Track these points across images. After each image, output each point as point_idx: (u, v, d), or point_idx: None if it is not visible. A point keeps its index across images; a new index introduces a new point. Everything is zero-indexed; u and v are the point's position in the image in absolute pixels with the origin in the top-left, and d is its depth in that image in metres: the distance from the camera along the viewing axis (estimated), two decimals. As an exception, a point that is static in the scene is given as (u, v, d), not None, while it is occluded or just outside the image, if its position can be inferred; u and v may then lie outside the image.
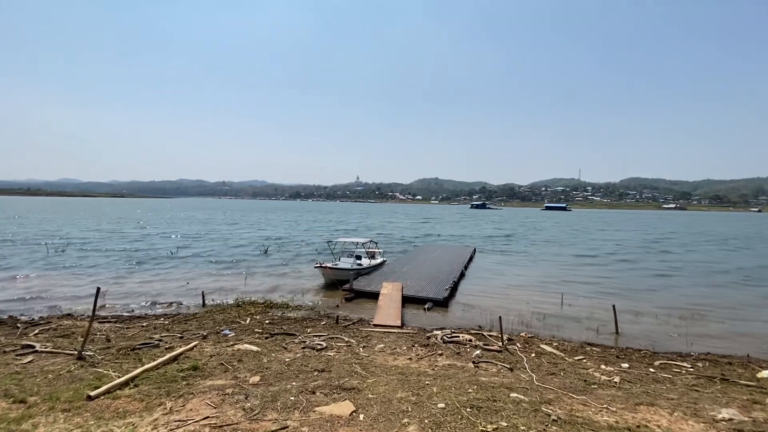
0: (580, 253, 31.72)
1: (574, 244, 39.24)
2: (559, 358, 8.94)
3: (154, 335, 9.68)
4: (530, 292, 17.14)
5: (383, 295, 13.99)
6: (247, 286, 17.21)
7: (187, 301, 14.37)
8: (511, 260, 27.10)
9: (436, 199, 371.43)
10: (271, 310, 13.23)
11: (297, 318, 12.07)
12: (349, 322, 11.50)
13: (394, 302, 13.15)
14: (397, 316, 11.69)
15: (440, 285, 16.36)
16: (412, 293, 14.89)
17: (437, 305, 14.19)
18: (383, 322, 11.17)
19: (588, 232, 55.21)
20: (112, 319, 11.61)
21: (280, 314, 12.63)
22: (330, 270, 16.73)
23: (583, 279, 20.33)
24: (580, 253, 31.32)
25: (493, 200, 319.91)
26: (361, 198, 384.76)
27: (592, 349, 9.99)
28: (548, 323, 12.63)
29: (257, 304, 13.60)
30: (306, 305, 13.91)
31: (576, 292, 16.86)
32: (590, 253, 31.77)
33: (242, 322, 11.28)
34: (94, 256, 24.02)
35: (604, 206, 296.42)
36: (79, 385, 6.01)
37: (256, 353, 8.07)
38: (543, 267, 24.06)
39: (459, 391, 6.19)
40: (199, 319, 11.59)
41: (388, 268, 20.11)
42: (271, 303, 13.87)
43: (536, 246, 36.53)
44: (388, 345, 9.21)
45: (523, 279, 20.04)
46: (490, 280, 19.66)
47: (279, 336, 9.69)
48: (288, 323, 11.30)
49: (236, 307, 13.25)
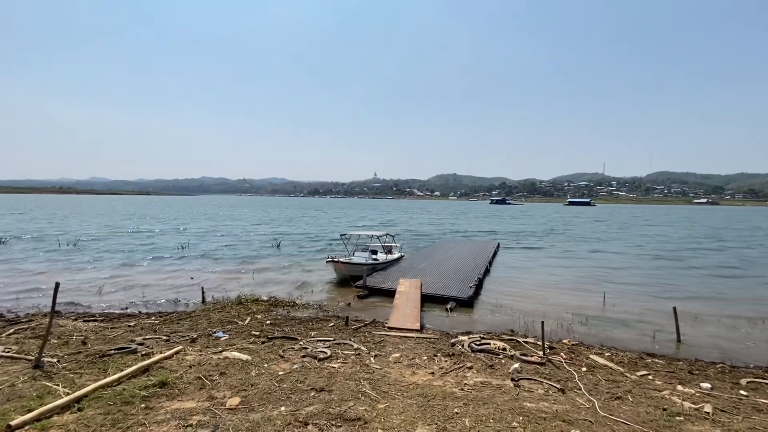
0: (618, 249, 28.89)
1: (611, 240, 36.23)
2: (617, 373, 7.21)
3: (137, 337, 8.46)
4: (565, 291, 15.27)
5: (400, 293, 12.47)
6: (255, 282, 16.01)
7: (187, 297, 13.23)
8: (540, 256, 25.02)
9: (454, 195, 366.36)
10: (276, 308, 11.92)
11: (302, 318, 10.68)
12: (361, 323, 10.03)
13: (412, 301, 11.61)
14: (415, 318, 10.14)
15: (463, 282, 14.72)
16: (432, 291, 13.32)
17: (461, 305, 12.57)
18: (399, 325, 9.64)
19: (624, 228, 51.66)
20: (100, 317, 10.51)
21: (285, 313, 11.29)
22: (342, 265, 15.32)
23: (625, 278, 18.15)
24: (618, 250, 28.49)
25: (514, 195, 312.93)
26: (379, 194, 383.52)
27: (654, 362, 8.19)
28: (592, 327, 10.83)
29: (261, 302, 12.31)
30: (314, 303, 12.54)
31: (619, 292, 14.86)
32: (630, 250, 28.81)
33: (240, 322, 9.97)
34: (103, 251, 23.42)
35: (630, 201, 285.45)
36: (10, 407, 4.74)
37: (245, 363, 6.68)
38: (577, 264, 21.88)
39: (500, 424, 4.62)
40: (194, 318, 10.37)
41: (406, 263, 18.57)
42: (276, 301, 12.56)
43: (566, 242, 33.99)
44: (405, 354, 7.68)
45: (555, 277, 18.09)
46: (519, 277, 17.83)
47: (277, 340, 8.31)
48: (291, 324, 9.92)
49: (237, 304, 12.00)
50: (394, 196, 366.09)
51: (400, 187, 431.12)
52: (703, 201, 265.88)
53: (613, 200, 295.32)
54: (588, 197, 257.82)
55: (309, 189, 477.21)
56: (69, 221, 45.47)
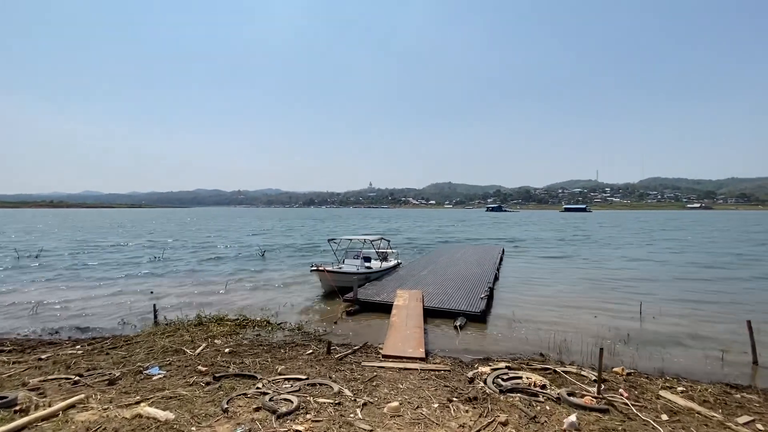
0: (636, 256, 26.00)
1: (623, 246, 33.63)
2: (714, 423, 5.00)
3: (36, 378, 6.13)
4: (590, 300, 13.08)
5: (397, 307, 10.22)
6: (227, 296, 13.67)
7: (137, 317, 10.87)
8: (553, 262, 22.73)
9: (449, 204, 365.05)
10: (244, 329, 9.59)
11: (274, 344, 8.37)
12: (348, 350, 7.74)
13: (413, 318, 9.35)
14: (418, 342, 7.87)
15: (472, 292, 12.50)
16: (437, 304, 11.08)
17: (471, 320, 10.33)
18: (398, 352, 7.36)
19: (643, 233, 49.27)
20: (10, 345, 8.13)
21: (253, 337, 8.97)
22: (329, 274, 13.04)
23: (657, 286, 15.82)
24: (637, 257, 25.60)
25: (509, 203, 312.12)
26: (374, 204, 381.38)
27: (745, 397, 6.00)
28: (640, 348, 8.61)
29: (226, 322, 9.98)
30: (293, 323, 10.22)
31: (654, 302, 12.66)
32: (649, 256, 25.82)
33: (189, 351, 7.64)
34: (64, 266, 20.94)
35: (624, 207, 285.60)
36: None
37: (162, 428, 4.39)
38: (593, 270, 19.62)
39: None
40: (131, 346, 8.02)
41: (404, 271, 16.33)
42: (245, 320, 10.23)
43: (580, 247, 31.67)
44: (407, 398, 5.41)
45: (574, 285, 15.84)
46: (533, 285, 15.60)
47: (228, 380, 6.00)
48: (257, 353, 7.62)
49: (196, 326, 9.66)
50: (389, 205, 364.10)
51: (395, 196, 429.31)
52: (696, 206, 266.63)
53: (608, 206, 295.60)
54: (583, 204, 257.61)
55: (304, 199, 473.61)
56: (43, 235, 42.76)
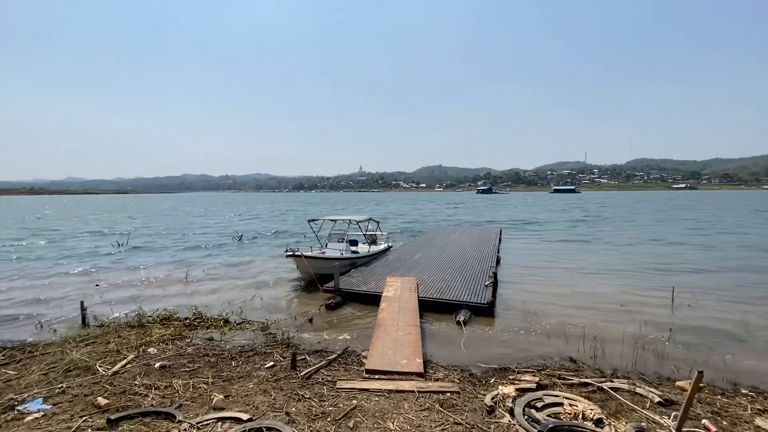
0: (649, 236, 23.44)
1: (625, 228, 31.89)
2: None
3: None
4: (612, 287, 11.34)
5: (387, 299, 8.32)
6: (189, 288, 11.63)
7: (64, 319, 8.78)
8: (559, 244, 20.96)
9: (440, 187, 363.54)
10: (195, 331, 7.62)
11: (225, 352, 6.42)
12: (321, 361, 5.83)
13: (407, 313, 7.46)
14: (413, 347, 5.98)
15: (474, 279, 10.68)
16: (434, 295, 9.22)
17: (477, 313, 8.51)
18: (387, 365, 5.45)
19: (641, 213, 47.36)
20: None
21: (204, 342, 7.01)
22: (306, 260, 11.05)
23: (676, 267, 14.16)
24: (652, 237, 22.79)
25: (499, 185, 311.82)
26: (365, 188, 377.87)
27: None
28: (693, 348, 6.85)
29: (173, 322, 7.99)
30: (257, 321, 8.27)
31: (685, 287, 10.98)
32: (658, 236, 23.54)
33: (102, 369, 5.63)
34: (17, 257, 18.60)
35: (612, 188, 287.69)
36: None
37: None
38: (610, 253, 17.62)
39: None
40: (29, 362, 5.99)
41: (395, 255, 14.44)
42: (197, 319, 8.23)
43: (587, 227, 29.88)
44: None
45: (589, 269, 13.91)
46: (541, 270, 13.81)
47: (131, 424, 4.03)
48: (196, 369, 5.66)
49: (133, 327, 7.65)
50: (380, 189, 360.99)
51: (386, 179, 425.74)
52: (681, 186, 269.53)
53: (596, 187, 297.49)
54: (572, 185, 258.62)
55: (294, 184, 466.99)
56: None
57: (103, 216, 47.94)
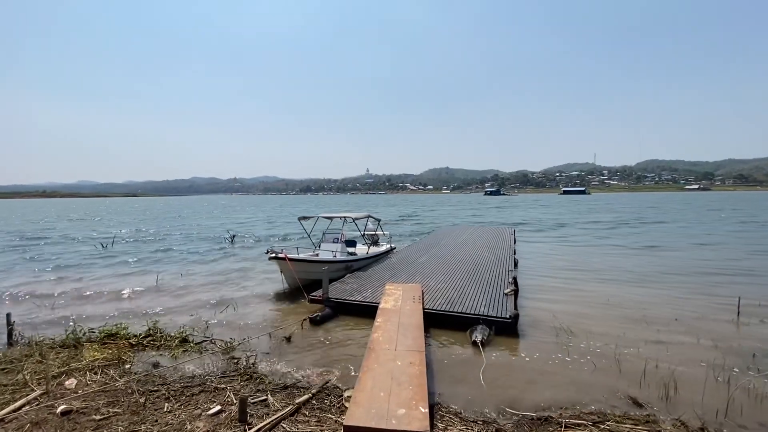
0: (689, 238, 20.71)
1: (659, 229, 29.56)
2: None
3: None
4: (654, 294, 9.53)
5: (384, 312, 6.63)
6: (155, 296, 10.04)
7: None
8: (581, 248, 19.05)
9: (447, 189, 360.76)
10: (143, 352, 6.04)
11: (162, 388, 4.80)
12: (285, 406, 4.19)
13: (408, 332, 5.76)
14: (417, 390, 4.26)
15: (491, 286, 8.95)
16: (442, 305, 7.52)
17: (498, 331, 6.79)
18: (375, 421, 3.71)
19: (666, 212, 45.50)
20: None
21: (145, 368, 5.42)
22: (291, 263, 9.40)
23: (730, 272, 12.24)
24: (693, 239, 20.12)
25: (506, 187, 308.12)
26: (372, 190, 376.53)
27: None
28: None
29: (119, 340, 6.41)
30: (223, 339, 6.65)
31: (750, 296, 9.08)
32: (697, 238, 20.85)
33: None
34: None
35: (622, 189, 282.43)
36: None
37: None
38: (640, 256, 15.66)
39: None
40: None
41: (398, 258, 12.76)
42: (148, 336, 6.64)
43: (608, 230, 27.79)
44: None
45: (627, 277, 11.90)
46: (567, 274, 12.02)
47: None
48: (113, 417, 4.06)
49: (66, 348, 6.09)
50: (387, 191, 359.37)
51: (392, 181, 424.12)
52: (694, 187, 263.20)
53: (606, 189, 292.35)
54: (581, 186, 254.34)
55: (301, 186, 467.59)
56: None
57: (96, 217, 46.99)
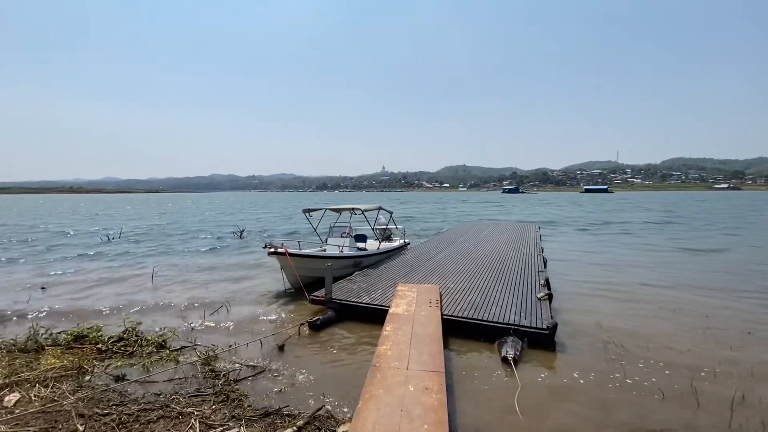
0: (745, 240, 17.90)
1: (707, 228, 27.98)
2: None
3: None
4: (717, 301, 8.16)
5: (395, 318, 5.55)
6: (148, 293, 9.23)
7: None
8: (619, 248, 17.43)
9: (464, 186, 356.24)
10: (111, 360, 5.16)
11: (115, 411, 3.87)
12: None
13: (424, 345, 4.66)
14: (435, 420, 3.20)
15: (519, 289, 7.75)
16: (464, 311, 6.38)
17: (532, 343, 5.63)
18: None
19: (707, 212, 43.14)
20: None
21: (113, 380, 4.51)
22: (291, 258, 8.41)
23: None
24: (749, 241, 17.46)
25: (525, 185, 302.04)
26: (387, 188, 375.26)
27: None
28: None
29: (87, 344, 5.56)
30: (205, 347, 5.71)
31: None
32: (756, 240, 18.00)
33: None
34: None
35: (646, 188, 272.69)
36: None
37: None
38: (706, 258, 13.61)
39: None
40: None
41: (412, 254, 11.67)
42: (122, 341, 5.76)
43: (653, 229, 25.90)
44: None
45: (674, 278, 10.45)
46: (601, 275, 10.66)
47: None
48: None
49: (27, 352, 5.26)
50: (402, 188, 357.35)
51: (408, 179, 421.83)
52: (724, 186, 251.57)
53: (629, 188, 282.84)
54: (603, 185, 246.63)
55: (317, 184, 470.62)
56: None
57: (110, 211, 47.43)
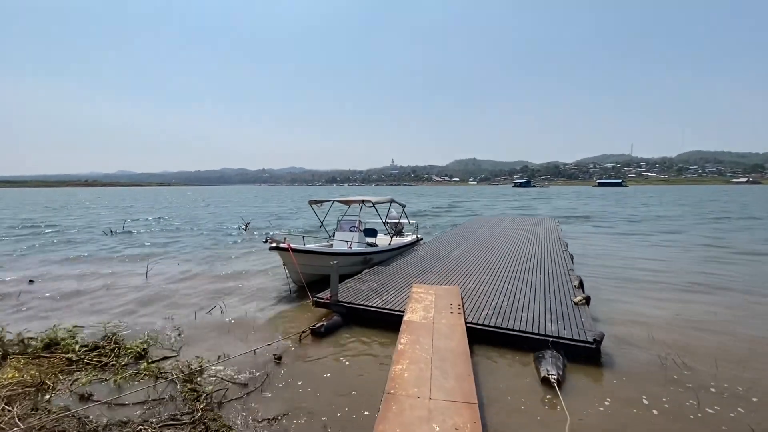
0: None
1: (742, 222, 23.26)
2: None
3: None
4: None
5: (410, 327, 4.69)
6: (139, 291, 8.52)
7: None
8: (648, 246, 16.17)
9: (474, 180, 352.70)
10: (82, 372, 4.43)
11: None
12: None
13: (448, 365, 3.80)
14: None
15: (550, 292, 6.81)
16: (491, 318, 5.49)
17: (572, 357, 4.72)
18: None
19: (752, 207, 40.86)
20: None
21: (77, 396, 3.76)
22: (293, 254, 7.60)
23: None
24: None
25: (536, 179, 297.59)
26: (397, 181, 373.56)
27: None
28: None
29: (54, 353, 4.83)
30: (192, 355, 4.94)
31: None
32: None
33: None
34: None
35: (662, 182, 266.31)
36: None
37: None
38: (728, 258, 12.18)
39: None
40: None
41: (425, 251, 10.78)
42: (99, 348, 5.03)
43: (696, 226, 24.55)
44: None
45: (724, 280, 9.46)
46: (640, 276, 9.60)
47: None
48: None
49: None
50: (412, 182, 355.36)
51: (418, 173, 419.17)
52: (743, 180, 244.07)
53: (644, 182, 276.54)
54: (617, 179, 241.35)
55: (327, 177, 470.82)
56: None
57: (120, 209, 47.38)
